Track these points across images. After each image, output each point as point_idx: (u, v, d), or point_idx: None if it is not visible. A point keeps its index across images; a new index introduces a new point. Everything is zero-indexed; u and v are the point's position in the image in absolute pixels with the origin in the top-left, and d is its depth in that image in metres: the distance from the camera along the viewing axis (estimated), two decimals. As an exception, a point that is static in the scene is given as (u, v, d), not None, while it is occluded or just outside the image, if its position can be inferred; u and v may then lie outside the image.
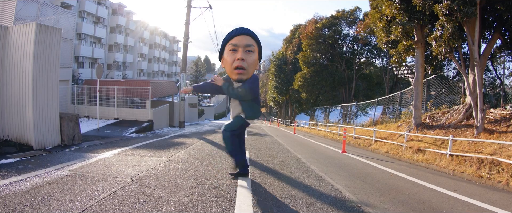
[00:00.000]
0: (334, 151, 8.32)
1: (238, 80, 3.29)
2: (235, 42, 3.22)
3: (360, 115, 19.03)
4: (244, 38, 3.23)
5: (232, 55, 3.23)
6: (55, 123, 6.12)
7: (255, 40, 3.31)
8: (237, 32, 3.26)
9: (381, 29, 9.15)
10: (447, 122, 7.70)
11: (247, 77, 3.32)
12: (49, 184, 3.19)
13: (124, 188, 3.11)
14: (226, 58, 3.29)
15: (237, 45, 3.21)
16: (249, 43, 3.24)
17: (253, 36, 3.30)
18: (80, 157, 4.92)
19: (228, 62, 3.26)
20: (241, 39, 3.22)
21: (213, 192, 3.15)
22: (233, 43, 3.23)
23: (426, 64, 9.03)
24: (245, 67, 3.21)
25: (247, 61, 3.23)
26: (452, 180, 4.96)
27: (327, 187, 3.70)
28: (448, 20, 6.53)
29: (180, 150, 6.12)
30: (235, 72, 3.24)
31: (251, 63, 3.26)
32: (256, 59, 3.32)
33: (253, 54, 3.27)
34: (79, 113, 11.62)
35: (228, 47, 3.27)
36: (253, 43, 3.27)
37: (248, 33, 3.28)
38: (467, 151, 5.89)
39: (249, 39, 3.26)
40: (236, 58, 3.20)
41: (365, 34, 22.09)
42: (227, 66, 3.30)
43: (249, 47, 3.23)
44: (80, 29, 27.58)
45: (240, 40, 3.22)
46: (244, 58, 3.20)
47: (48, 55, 5.88)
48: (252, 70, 3.33)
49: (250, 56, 3.26)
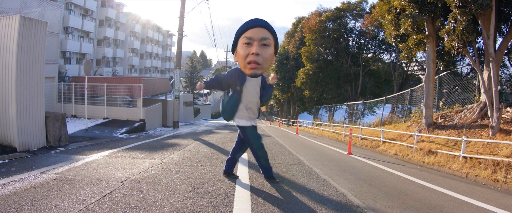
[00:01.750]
0: (339, 152, 8.32)
1: (252, 75, 3.25)
2: (250, 35, 3.16)
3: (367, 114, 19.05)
4: (259, 31, 3.17)
5: (246, 49, 3.18)
6: (40, 123, 6.11)
7: (272, 33, 3.26)
8: (252, 24, 3.20)
9: (389, 22, 9.14)
10: (460, 122, 7.71)
11: (261, 73, 3.29)
12: (33, 188, 3.19)
13: (114, 192, 3.11)
14: (239, 51, 3.23)
15: (252, 39, 3.15)
16: (265, 36, 3.18)
17: (270, 29, 3.24)
18: (67, 159, 4.91)
19: (241, 56, 3.21)
20: (257, 32, 3.16)
21: (209, 196, 3.16)
22: (247, 36, 3.17)
23: (438, 60, 9.03)
24: (260, 62, 3.17)
25: (263, 56, 3.18)
26: (466, 184, 4.97)
27: (332, 191, 3.70)
28: (462, 12, 6.53)
29: (174, 151, 6.13)
30: (248, 67, 3.20)
31: (266, 58, 3.21)
32: (272, 54, 3.28)
33: (269, 48, 3.22)
34: (66, 112, 11.59)
35: (242, 40, 3.21)
36: (269, 36, 3.22)
37: (264, 25, 3.22)
38: (481, 152, 5.90)
39: (265, 32, 3.20)
40: (250, 52, 3.15)
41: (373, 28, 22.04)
42: (240, 60, 3.25)
43: (265, 41, 3.18)
44: (67, 22, 27.53)
45: (255, 33, 3.16)
46: (259, 53, 3.15)
47: (32, 50, 5.87)
48: (267, 66, 3.28)
49: (266, 51, 3.20)
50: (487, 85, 7.08)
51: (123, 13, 38.69)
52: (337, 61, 25.58)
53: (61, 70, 22.06)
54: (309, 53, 25.04)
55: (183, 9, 14.67)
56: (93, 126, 10.89)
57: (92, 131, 9.88)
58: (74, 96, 12.68)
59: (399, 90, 17.92)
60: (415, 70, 21.60)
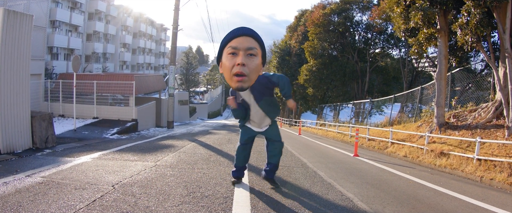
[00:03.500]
0: (345, 154, 8.33)
1: (238, 88, 3.21)
2: (234, 44, 3.13)
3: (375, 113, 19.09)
4: (245, 40, 3.15)
5: (232, 59, 3.13)
6: (25, 123, 6.11)
7: (258, 42, 3.24)
8: (236, 33, 3.18)
9: (398, 15, 9.13)
10: (474, 122, 7.71)
11: (248, 86, 3.24)
12: (18, 192, 3.19)
13: (105, 197, 3.11)
14: (224, 62, 3.20)
15: (237, 48, 3.12)
16: (251, 46, 3.15)
17: (256, 38, 3.23)
18: (54, 161, 4.91)
19: (227, 67, 3.17)
20: (242, 41, 3.13)
21: (206, 201, 3.16)
22: (232, 45, 3.14)
23: (450, 55, 9.02)
24: (246, 73, 3.12)
25: (249, 66, 3.12)
26: (480, 188, 4.97)
27: (337, 196, 3.70)
28: (476, 5, 6.51)
29: (168, 153, 6.13)
30: (234, 79, 3.15)
31: (253, 68, 3.16)
32: (259, 64, 3.24)
33: (255, 59, 3.18)
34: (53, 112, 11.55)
35: (227, 50, 3.18)
36: (256, 45, 3.19)
37: (250, 34, 3.20)
38: (497, 154, 5.90)
39: (251, 41, 3.17)
40: (236, 63, 3.10)
41: (381, 21, 22.05)
42: (225, 72, 3.21)
43: (251, 51, 3.14)
44: (54, 15, 27.51)
45: (240, 43, 3.13)
46: (245, 63, 3.10)
47: (17, 45, 5.86)
48: (254, 77, 3.24)
49: (252, 61, 3.15)
50: (503, 82, 7.07)
51: (114, 6, 38.65)
52: (343, 57, 25.58)
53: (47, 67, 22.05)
54: (312, 49, 25.04)
55: (178, 2, 14.65)
56: (82, 126, 10.89)
57: (81, 132, 9.88)
58: (62, 94, 12.67)
59: (409, 88, 17.94)
60: (426, 66, 21.61)
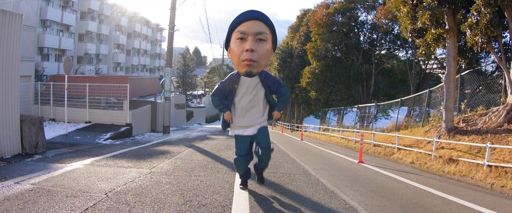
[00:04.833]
0: (349, 161, 8.33)
1: (247, 73, 3.21)
2: (243, 29, 3.12)
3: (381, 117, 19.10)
4: (254, 24, 3.14)
5: (240, 45, 3.14)
6: (14, 128, 6.12)
7: (268, 26, 3.23)
8: (245, 16, 3.17)
9: (405, 15, 9.17)
10: (485, 126, 7.72)
11: (257, 71, 3.25)
12: (7, 200, 3.19)
13: (97, 205, 3.11)
14: (233, 48, 3.21)
15: (245, 33, 3.11)
16: (261, 31, 3.14)
17: (266, 21, 3.21)
18: (45, 168, 4.91)
19: (235, 53, 3.18)
20: (251, 26, 3.12)
21: (203, 210, 3.16)
22: (241, 30, 3.13)
23: (459, 57, 9.05)
24: (256, 59, 3.13)
25: (258, 52, 3.13)
26: (490, 196, 4.97)
27: (340, 205, 3.71)
28: (486, 4, 6.56)
29: (164, 159, 6.13)
30: (243, 64, 3.16)
31: (262, 54, 3.17)
32: (269, 50, 3.24)
33: (265, 44, 3.18)
34: (43, 115, 11.59)
35: (235, 35, 3.18)
36: (266, 30, 3.19)
37: (260, 17, 3.19)
38: (508, 160, 5.90)
39: (260, 25, 3.17)
40: (245, 49, 3.11)
41: (386, 21, 22.10)
42: (234, 57, 3.23)
43: (261, 36, 3.14)
44: (44, 14, 27.63)
45: (249, 27, 3.12)
46: (254, 49, 3.10)
47: (6, 45, 5.88)
48: (264, 63, 3.25)
49: (262, 46, 3.16)
50: (515, 85, 7.10)
51: (108, 5, 38.81)
52: (347, 59, 25.62)
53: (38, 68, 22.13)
54: (315, 50, 25.09)
55: (174, 0, 14.73)
56: (73, 131, 10.89)
57: (72, 136, 9.88)
58: (53, 97, 12.67)
59: (416, 91, 17.95)
60: (434, 68, 21.63)
